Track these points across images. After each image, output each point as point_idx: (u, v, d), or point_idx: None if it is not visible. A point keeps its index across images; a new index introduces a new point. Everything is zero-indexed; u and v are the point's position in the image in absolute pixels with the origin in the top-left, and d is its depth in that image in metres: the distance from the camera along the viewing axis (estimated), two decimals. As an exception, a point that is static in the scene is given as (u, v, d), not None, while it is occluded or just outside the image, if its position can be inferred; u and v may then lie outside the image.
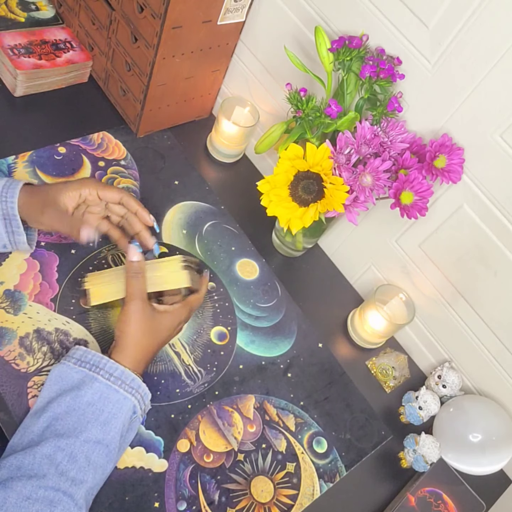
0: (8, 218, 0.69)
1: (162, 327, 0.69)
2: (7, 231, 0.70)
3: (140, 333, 0.67)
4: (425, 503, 0.76)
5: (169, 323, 0.69)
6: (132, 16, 0.84)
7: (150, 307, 0.68)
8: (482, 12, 0.64)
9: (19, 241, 0.71)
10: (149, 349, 0.68)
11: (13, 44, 0.91)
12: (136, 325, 0.66)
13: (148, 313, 0.67)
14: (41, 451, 0.58)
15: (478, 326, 0.82)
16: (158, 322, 0.68)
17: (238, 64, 0.98)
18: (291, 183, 0.73)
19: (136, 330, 0.66)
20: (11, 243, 0.71)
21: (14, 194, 0.69)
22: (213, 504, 0.69)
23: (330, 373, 0.84)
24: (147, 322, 0.67)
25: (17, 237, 0.71)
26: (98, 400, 0.62)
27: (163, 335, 0.69)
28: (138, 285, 0.68)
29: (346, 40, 0.73)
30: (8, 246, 0.72)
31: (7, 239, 0.71)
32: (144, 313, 0.67)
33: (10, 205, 0.68)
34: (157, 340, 0.69)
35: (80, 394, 0.62)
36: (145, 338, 0.67)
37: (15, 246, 0.72)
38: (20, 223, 0.69)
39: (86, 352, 0.65)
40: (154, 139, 0.98)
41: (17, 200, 0.69)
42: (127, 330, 0.66)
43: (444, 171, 0.70)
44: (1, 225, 0.69)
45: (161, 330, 0.69)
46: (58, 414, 0.61)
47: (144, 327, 0.67)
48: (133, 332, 0.66)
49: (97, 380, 0.63)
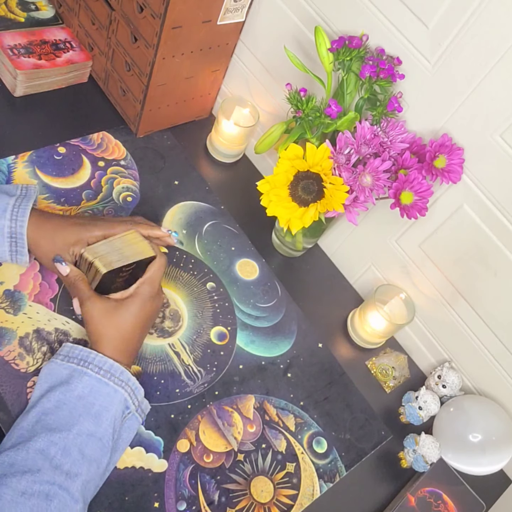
0: (15, 237, 0.68)
1: (129, 313, 0.67)
2: (11, 250, 0.69)
3: (111, 328, 0.66)
4: (425, 503, 0.76)
5: (133, 307, 0.68)
6: (132, 16, 0.84)
7: (104, 300, 0.67)
8: (482, 12, 0.64)
9: (21, 261, 0.71)
10: (129, 338, 0.67)
11: (13, 44, 0.91)
12: (103, 323, 0.66)
13: (108, 307, 0.67)
14: (34, 446, 0.58)
15: (478, 326, 0.82)
16: (122, 310, 0.67)
17: (238, 64, 0.98)
18: (291, 183, 0.73)
19: (105, 328, 0.66)
20: (12, 261, 0.71)
21: (25, 214, 0.68)
22: (213, 504, 0.69)
23: (330, 373, 0.84)
24: (108, 314, 0.66)
25: (19, 257, 0.71)
26: (88, 394, 0.62)
27: (135, 320, 0.68)
28: (81, 289, 0.67)
29: (346, 40, 0.73)
30: (8, 262, 0.72)
31: (9, 258, 0.70)
32: (104, 308, 0.66)
33: (20, 224, 0.68)
34: (132, 327, 0.67)
35: (70, 388, 0.62)
36: (118, 331, 0.66)
37: (15, 262, 0.72)
38: (26, 244, 0.69)
39: (73, 348, 0.65)
40: (154, 139, 0.98)
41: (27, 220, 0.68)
42: (98, 331, 0.66)
43: (444, 171, 0.70)
44: (6, 243, 0.69)
45: (130, 316, 0.67)
46: (48, 408, 0.61)
47: (111, 321, 0.66)
48: (103, 331, 0.66)
49: (86, 374, 0.63)
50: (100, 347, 0.66)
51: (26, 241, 0.69)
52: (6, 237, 0.68)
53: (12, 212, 0.68)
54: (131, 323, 0.68)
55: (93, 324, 0.66)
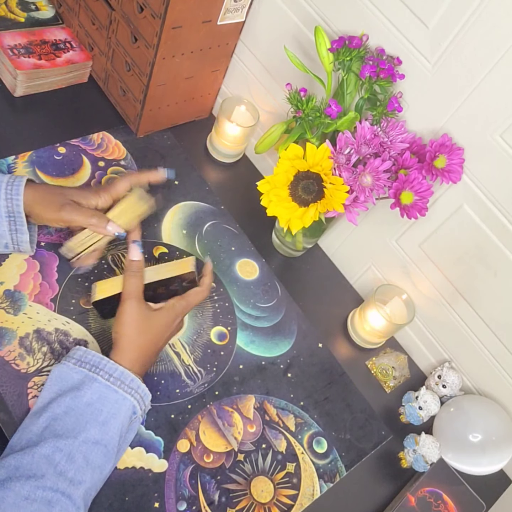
0: (13, 215, 0.68)
1: (157, 325, 0.68)
2: (10, 229, 0.69)
3: (136, 333, 0.67)
4: (425, 503, 0.76)
5: (163, 320, 0.69)
6: (132, 16, 0.84)
7: (146, 306, 0.68)
8: (482, 12, 0.64)
9: (22, 240, 0.71)
10: (147, 348, 0.68)
11: (13, 44, 0.91)
12: (132, 326, 0.66)
13: (143, 313, 0.67)
14: (40, 451, 0.58)
15: (478, 326, 0.82)
16: (153, 320, 0.68)
17: (238, 64, 0.98)
18: (291, 183, 0.73)
19: (131, 331, 0.66)
20: (13, 242, 0.71)
21: (19, 191, 0.68)
22: (213, 504, 0.69)
23: (330, 373, 0.84)
24: (143, 321, 0.67)
25: (20, 236, 0.70)
26: (97, 400, 0.62)
27: (160, 333, 0.69)
28: (135, 284, 0.68)
29: (346, 40, 0.73)
30: (10, 246, 0.72)
31: (10, 238, 0.70)
32: (140, 313, 0.67)
33: (15, 202, 0.68)
34: (155, 339, 0.68)
35: (80, 394, 0.62)
36: (141, 338, 0.67)
37: (16, 246, 0.72)
38: (25, 221, 0.69)
39: (86, 353, 0.65)
40: (154, 139, 0.98)
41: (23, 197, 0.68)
42: (123, 331, 0.66)
43: (444, 171, 0.70)
44: (5, 223, 0.69)
45: (157, 328, 0.68)
46: (57, 414, 0.61)
47: (139, 327, 0.67)
48: (128, 332, 0.66)
49: (96, 380, 0.63)
50: (119, 347, 0.66)
51: (24, 218, 0.69)
52: (4, 216, 0.68)
53: (6, 191, 0.68)
54: (157, 334, 0.68)
55: (125, 324, 0.66)
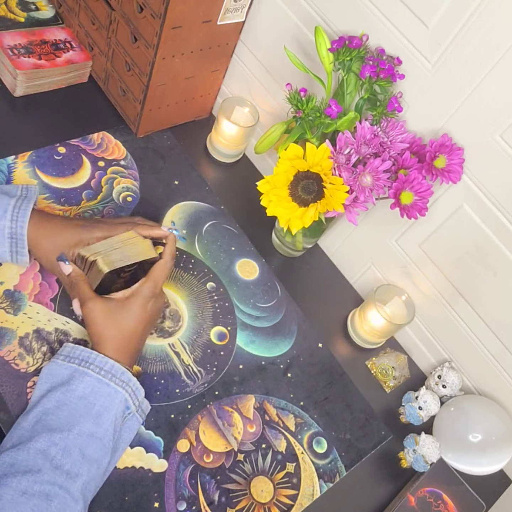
0: (15, 238, 0.69)
1: (130, 313, 0.67)
2: (11, 251, 0.69)
3: (111, 327, 0.66)
4: (425, 503, 0.76)
5: (135, 307, 0.68)
6: (132, 16, 0.84)
7: (106, 300, 0.67)
8: (482, 12, 0.64)
9: (21, 261, 0.71)
10: (129, 338, 0.67)
11: (13, 44, 0.91)
12: (103, 322, 0.66)
13: (107, 307, 0.67)
14: (35, 446, 0.58)
15: (478, 326, 0.82)
16: (124, 310, 0.67)
17: (238, 64, 0.98)
18: (291, 183, 0.73)
19: (106, 327, 0.66)
20: (12, 261, 0.71)
21: (25, 214, 0.69)
22: (213, 504, 0.69)
23: (330, 373, 0.84)
24: (112, 314, 0.66)
25: (20, 258, 0.71)
26: (89, 394, 0.62)
27: (136, 320, 0.68)
28: (81, 289, 0.67)
29: (346, 40, 0.73)
30: (9, 262, 0.72)
31: (10, 258, 0.71)
32: (104, 308, 0.66)
33: (20, 224, 0.68)
34: (133, 328, 0.67)
35: (71, 388, 0.62)
36: (119, 331, 0.66)
37: (15, 263, 0.72)
38: (26, 244, 0.69)
39: (74, 348, 0.65)
40: (154, 139, 0.98)
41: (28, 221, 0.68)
42: (98, 331, 0.66)
43: (444, 171, 0.70)
44: (7, 244, 0.69)
45: (131, 316, 0.67)
46: (48, 409, 0.61)
47: (111, 321, 0.66)
48: (104, 330, 0.66)
49: (87, 374, 0.63)
50: (102, 347, 0.66)
51: (27, 241, 0.69)
52: (7, 237, 0.68)
53: (12, 213, 0.68)
54: (132, 323, 0.68)
55: (95, 325, 0.66)
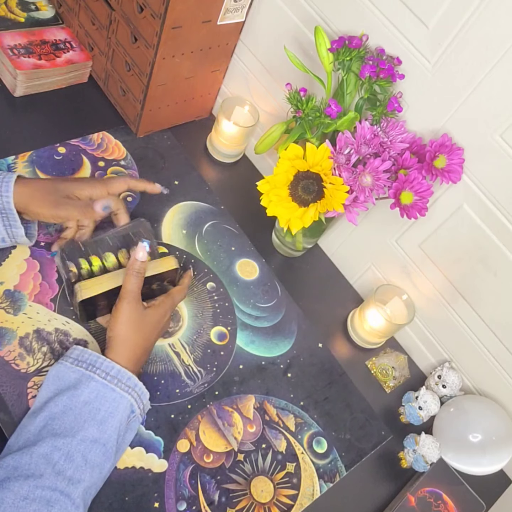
0: (4, 212, 0.69)
1: (150, 323, 0.69)
2: (4, 224, 0.70)
3: (131, 332, 0.67)
4: (425, 503, 0.76)
5: (155, 318, 0.70)
6: (132, 16, 0.84)
7: (141, 305, 0.69)
8: (482, 12, 0.64)
9: (17, 234, 0.72)
10: (141, 346, 0.68)
11: (13, 44, 0.91)
12: (128, 324, 0.67)
13: (139, 312, 0.68)
14: (38, 451, 0.58)
15: (478, 326, 0.82)
16: (146, 318, 0.69)
17: (238, 64, 0.98)
18: (291, 183, 0.73)
19: (127, 329, 0.67)
20: (9, 236, 0.72)
21: (8, 188, 0.69)
22: (213, 504, 0.69)
23: (330, 373, 0.84)
24: (137, 320, 0.68)
25: (15, 231, 0.71)
26: (94, 399, 0.62)
27: (152, 331, 0.70)
28: (136, 284, 0.68)
29: (346, 40, 0.73)
30: (7, 240, 0.72)
31: (5, 233, 0.71)
32: (136, 312, 0.68)
33: (5, 199, 0.68)
34: (147, 337, 0.69)
35: (77, 393, 0.62)
36: (135, 337, 0.67)
37: (13, 240, 0.72)
38: (17, 217, 0.70)
39: (83, 352, 0.65)
40: (154, 139, 0.98)
41: (13, 194, 0.69)
42: (119, 330, 0.67)
43: (444, 171, 0.70)
44: None
45: (150, 326, 0.69)
46: (55, 413, 0.61)
47: (134, 326, 0.68)
48: (124, 331, 0.67)
49: (93, 379, 0.63)
50: (114, 346, 0.66)
51: (16, 214, 0.69)
52: None
53: None
54: (149, 332, 0.69)
55: (122, 322, 0.67)
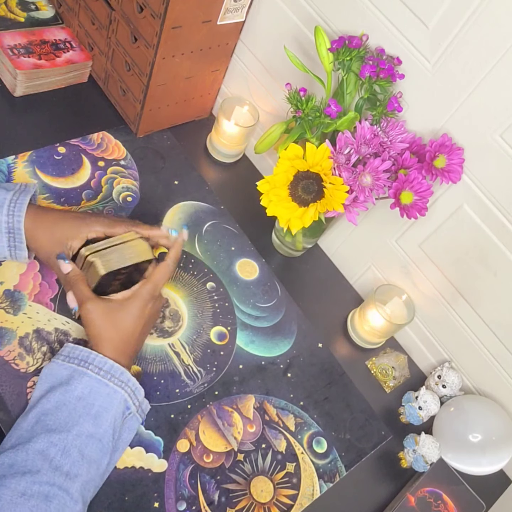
0: (12, 232, 0.68)
1: (129, 315, 0.67)
2: (9, 245, 0.69)
3: (110, 328, 0.66)
4: (425, 503, 0.76)
5: (134, 309, 0.67)
6: (132, 16, 0.84)
7: (105, 301, 0.67)
8: (482, 12, 0.64)
9: (20, 256, 0.71)
10: (127, 340, 0.67)
11: (13, 44, 0.91)
12: (102, 323, 0.66)
13: (106, 307, 0.66)
14: (34, 447, 0.58)
15: (478, 326, 0.82)
16: (123, 311, 0.67)
17: (238, 64, 0.98)
18: (291, 183, 0.73)
19: (104, 328, 0.66)
20: (11, 256, 0.71)
21: (21, 209, 0.68)
22: (213, 504, 0.69)
23: (330, 373, 0.84)
24: (108, 316, 0.66)
25: (18, 252, 0.71)
26: (88, 394, 0.62)
27: (135, 322, 0.67)
28: (80, 289, 0.67)
29: (346, 40, 0.73)
30: (8, 259, 0.72)
31: (8, 253, 0.71)
32: (102, 309, 0.66)
33: (17, 219, 0.68)
34: (131, 329, 0.67)
35: (70, 389, 0.62)
36: (117, 332, 0.66)
37: (15, 259, 0.72)
38: (24, 238, 0.69)
39: (73, 348, 0.65)
40: (154, 139, 0.98)
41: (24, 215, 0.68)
42: (96, 332, 0.66)
43: (444, 171, 0.70)
44: (5, 239, 0.69)
45: (130, 318, 0.67)
46: (48, 409, 0.61)
47: (110, 322, 0.66)
48: (102, 331, 0.66)
49: (86, 374, 0.63)
50: (100, 348, 0.66)
51: (24, 236, 0.69)
52: (4, 232, 0.68)
53: (9, 207, 0.68)
54: (131, 324, 0.67)
55: (93, 326, 0.66)
